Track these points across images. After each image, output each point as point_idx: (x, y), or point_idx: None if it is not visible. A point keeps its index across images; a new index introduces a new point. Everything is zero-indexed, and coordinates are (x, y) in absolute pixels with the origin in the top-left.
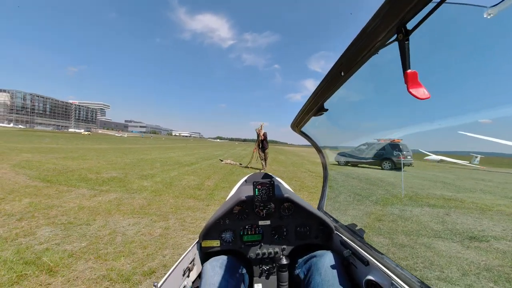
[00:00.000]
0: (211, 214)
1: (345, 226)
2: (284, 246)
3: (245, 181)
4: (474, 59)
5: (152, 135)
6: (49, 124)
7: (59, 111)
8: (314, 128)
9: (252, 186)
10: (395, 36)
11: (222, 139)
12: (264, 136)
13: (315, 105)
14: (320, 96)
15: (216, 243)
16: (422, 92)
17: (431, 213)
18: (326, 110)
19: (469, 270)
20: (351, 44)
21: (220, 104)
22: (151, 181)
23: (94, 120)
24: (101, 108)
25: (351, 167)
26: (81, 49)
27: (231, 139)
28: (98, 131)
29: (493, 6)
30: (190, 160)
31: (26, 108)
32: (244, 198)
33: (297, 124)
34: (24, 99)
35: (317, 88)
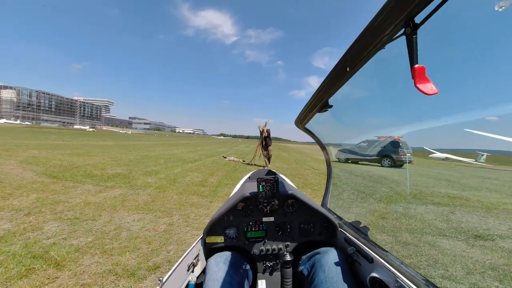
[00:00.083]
0: (215, 211)
1: (349, 223)
2: (288, 243)
3: (249, 178)
4: (484, 54)
5: (156, 132)
6: (55, 121)
7: (65, 108)
8: (318, 125)
9: (256, 183)
10: (403, 30)
11: (226, 136)
12: (268, 133)
13: (320, 101)
14: (325, 92)
15: (220, 239)
16: (430, 88)
17: (436, 211)
18: (331, 107)
19: (474, 269)
20: (358, 39)
21: (224, 101)
22: (155, 178)
23: (99, 117)
24: (106, 105)
25: (354, 165)
26: (85, 46)
27: (234, 136)
28: (103, 128)
29: None
30: (194, 157)
31: (32, 105)
32: (248, 195)
33: (301, 121)
34: (30, 96)
35: (322, 84)
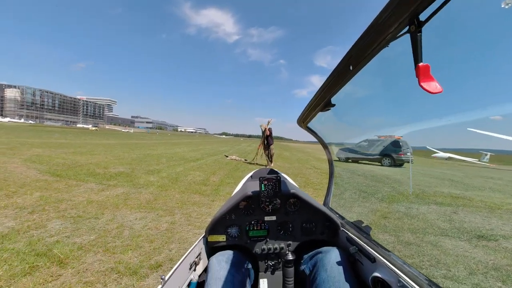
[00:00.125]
0: (216, 210)
1: (351, 223)
2: (290, 242)
3: (251, 177)
4: (489, 52)
5: (158, 131)
6: (58, 120)
7: (68, 107)
8: (320, 124)
9: (258, 182)
10: (407, 28)
11: (227, 135)
12: (269, 132)
13: (322, 100)
14: (328, 91)
15: (222, 238)
16: (434, 86)
17: (438, 211)
18: (334, 105)
19: (477, 269)
20: (361, 37)
21: (227, 100)
22: (157, 176)
23: (102, 116)
24: (108, 104)
25: (356, 164)
26: (88, 45)
27: (236, 135)
28: (106, 127)
29: None
30: (196, 156)
31: (36, 104)
32: (250, 194)
33: (304, 120)
34: (34, 95)
35: (325, 83)
